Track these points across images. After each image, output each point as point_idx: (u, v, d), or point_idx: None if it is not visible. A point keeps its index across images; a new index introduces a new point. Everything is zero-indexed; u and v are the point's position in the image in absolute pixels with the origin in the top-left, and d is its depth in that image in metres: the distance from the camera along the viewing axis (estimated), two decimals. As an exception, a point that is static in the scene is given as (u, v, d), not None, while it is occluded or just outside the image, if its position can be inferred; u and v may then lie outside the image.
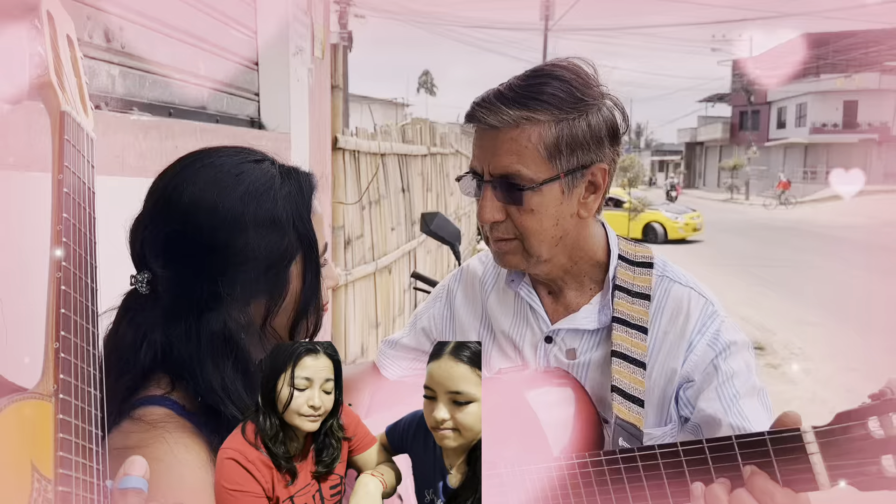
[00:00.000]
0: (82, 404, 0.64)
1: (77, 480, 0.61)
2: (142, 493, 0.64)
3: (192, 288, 0.89)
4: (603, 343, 1.19)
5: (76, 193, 0.71)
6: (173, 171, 0.95)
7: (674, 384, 1.16)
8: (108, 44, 1.84)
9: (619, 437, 1.09)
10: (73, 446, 0.61)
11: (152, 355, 0.88)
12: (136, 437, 0.82)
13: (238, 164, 0.94)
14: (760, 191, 37.19)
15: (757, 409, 1.12)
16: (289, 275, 0.94)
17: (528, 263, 1.18)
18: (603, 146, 1.13)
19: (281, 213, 0.93)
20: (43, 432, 0.60)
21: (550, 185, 1.10)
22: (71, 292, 0.66)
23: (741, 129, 45.63)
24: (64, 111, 0.72)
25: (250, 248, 0.90)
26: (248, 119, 2.97)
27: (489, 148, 1.12)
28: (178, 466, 0.81)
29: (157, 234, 0.91)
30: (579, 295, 1.24)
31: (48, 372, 0.63)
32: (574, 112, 1.09)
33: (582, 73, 1.13)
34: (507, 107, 1.09)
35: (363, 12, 21.48)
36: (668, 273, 1.23)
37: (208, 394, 0.86)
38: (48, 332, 0.65)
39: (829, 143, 38.08)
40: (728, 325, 1.19)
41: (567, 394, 1.16)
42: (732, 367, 1.14)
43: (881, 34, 32.24)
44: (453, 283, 1.42)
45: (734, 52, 44.58)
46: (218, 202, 0.90)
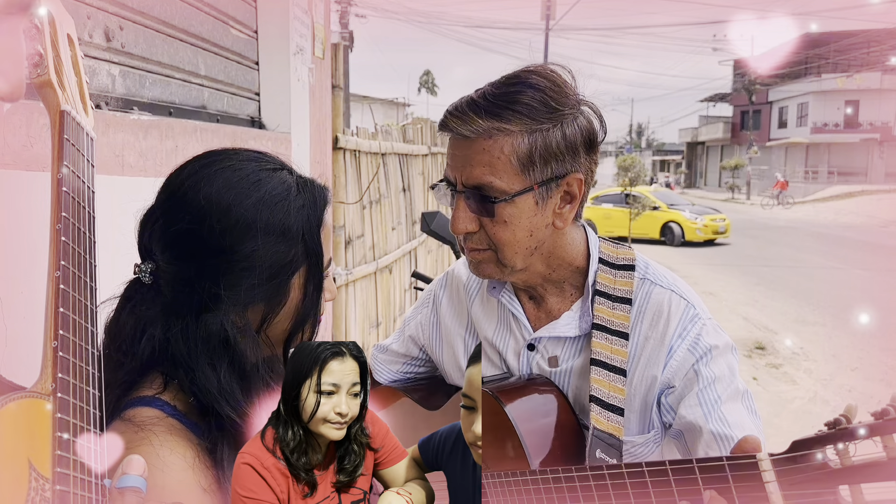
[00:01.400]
0: (81, 403, 0.64)
1: (75, 479, 0.61)
2: (140, 493, 0.64)
3: (194, 287, 0.89)
4: (585, 350, 1.17)
5: (75, 192, 0.71)
6: (192, 169, 0.95)
7: (655, 390, 1.14)
8: (109, 43, 1.84)
9: (597, 448, 1.07)
10: (71, 445, 0.61)
11: (150, 350, 0.88)
12: (124, 438, 0.81)
13: (257, 170, 0.94)
14: (761, 190, 37.14)
15: (740, 414, 1.09)
16: (290, 285, 0.94)
17: (503, 273, 1.16)
18: (578, 156, 1.10)
19: (292, 223, 0.93)
20: (41, 431, 0.60)
21: (524, 197, 1.08)
22: (70, 291, 0.66)
23: (742, 129, 45.57)
24: (64, 110, 0.72)
25: (257, 255, 0.90)
26: (248, 119, 2.97)
27: (461, 158, 1.10)
28: (162, 469, 0.81)
29: (167, 228, 0.91)
30: (560, 301, 1.22)
31: (46, 370, 0.63)
32: (548, 122, 1.07)
33: (558, 81, 1.10)
34: (479, 117, 1.06)
35: (364, 12, 21.48)
36: (649, 276, 1.20)
37: (203, 394, 0.86)
38: (47, 331, 0.64)
39: (830, 143, 38.03)
40: (709, 329, 1.16)
41: (548, 404, 1.14)
42: (714, 371, 1.12)
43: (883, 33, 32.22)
44: (439, 289, 1.40)
45: (735, 51, 44.57)
46: (232, 206, 0.90)
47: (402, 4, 28.32)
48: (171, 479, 0.80)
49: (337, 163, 4.07)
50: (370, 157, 4.81)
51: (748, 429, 1.07)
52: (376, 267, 4.91)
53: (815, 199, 31.84)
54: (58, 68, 0.74)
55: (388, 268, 5.35)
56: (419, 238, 6.41)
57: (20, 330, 1.15)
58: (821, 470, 0.76)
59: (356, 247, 4.48)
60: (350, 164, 4.32)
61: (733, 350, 1.17)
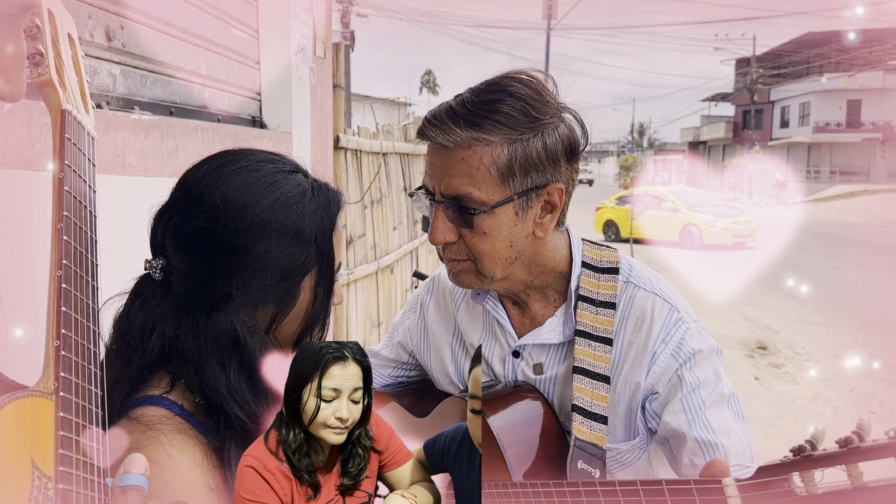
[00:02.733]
0: (83, 402, 0.64)
1: (78, 478, 0.61)
2: (142, 491, 0.64)
3: (206, 285, 0.89)
4: (569, 356, 1.15)
5: (77, 191, 0.71)
6: (209, 167, 0.95)
7: (638, 397, 1.13)
8: (110, 43, 1.84)
9: (579, 459, 1.06)
10: (73, 444, 0.61)
11: (160, 347, 0.88)
12: (132, 437, 0.82)
13: (273, 172, 0.95)
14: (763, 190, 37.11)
15: (725, 419, 1.08)
16: (301, 287, 0.95)
17: (483, 283, 1.14)
18: (559, 166, 1.08)
19: (306, 226, 0.94)
20: (43, 430, 0.60)
21: (503, 208, 1.06)
22: (72, 290, 0.67)
23: (744, 129, 45.51)
24: (65, 109, 0.72)
25: (270, 256, 0.91)
26: (249, 118, 2.97)
27: (440, 167, 1.08)
28: (171, 468, 0.81)
29: (181, 225, 0.91)
30: (544, 307, 1.20)
31: (49, 369, 0.63)
32: (528, 132, 1.04)
33: (539, 88, 1.07)
34: (458, 126, 1.04)
35: (365, 11, 21.48)
36: (632, 279, 1.18)
37: (212, 392, 0.86)
38: (49, 330, 0.65)
39: (832, 143, 38.00)
40: (693, 333, 1.13)
41: (532, 413, 1.13)
42: (698, 376, 1.10)
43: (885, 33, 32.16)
44: (426, 294, 1.38)
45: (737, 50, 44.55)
46: (248, 206, 0.90)
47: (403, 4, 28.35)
48: (180, 480, 0.81)
49: (338, 162, 4.07)
50: (371, 157, 4.81)
51: (733, 434, 1.06)
52: (377, 266, 4.92)
53: (816, 198, 31.80)
54: (59, 68, 0.74)
55: (390, 267, 5.35)
56: (420, 238, 6.41)
57: (22, 329, 1.16)
58: (786, 497, 0.76)
59: (357, 246, 4.48)
60: (351, 163, 4.32)
61: (718, 353, 1.15)
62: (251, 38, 2.97)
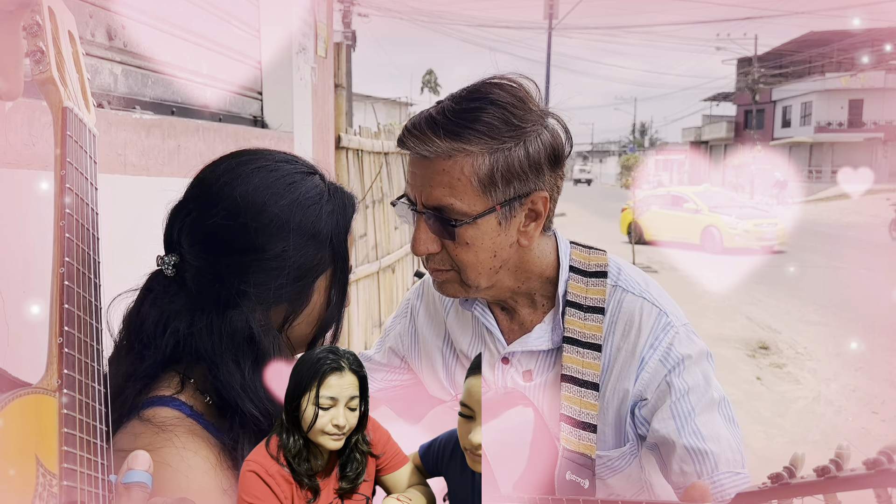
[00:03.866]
0: (86, 399, 0.64)
1: (81, 475, 0.61)
2: (145, 488, 0.64)
3: (221, 282, 0.89)
4: (558, 362, 1.14)
5: (78, 188, 0.71)
6: (228, 165, 0.95)
7: (627, 403, 1.11)
8: (111, 42, 1.84)
9: (567, 469, 1.04)
10: (77, 441, 0.62)
11: (174, 344, 0.88)
12: (145, 438, 0.82)
13: (292, 172, 0.96)
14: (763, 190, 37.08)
15: (715, 425, 1.07)
16: (314, 288, 0.95)
17: (469, 292, 1.12)
18: (542, 173, 1.06)
19: (323, 227, 0.95)
20: (47, 427, 0.61)
21: (486, 218, 1.04)
22: (74, 288, 0.67)
23: (746, 128, 45.48)
24: (66, 107, 0.73)
25: (287, 255, 0.91)
26: (251, 118, 2.97)
27: (421, 177, 1.06)
28: (185, 472, 0.81)
29: (198, 222, 0.91)
30: (532, 313, 1.18)
31: (52, 367, 0.63)
32: (510, 140, 1.02)
33: (521, 95, 1.05)
34: (438, 137, 1.01)
35: (367, 11, 21.48)
36: (620, 282, 1.16)
37: (226, 389, 0.87)
38: (52, 328, 0.65)
39: (834, 142, 37.96)
40: (682, 337, 1.12)
41: (521, 422, 1.11)
42: (687, 382, 1.08)
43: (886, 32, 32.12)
44: (416, 299, 1.37)
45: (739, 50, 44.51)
46: (267, 205, 0.91)
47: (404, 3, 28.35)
48: (194, 483, 0.81)
49: (339, 162, 4.07)
50: (373, 157, 4.81)
51: (723, 440, 1.05)
52: (379, 266, 4.92)
53: (818, 198, 31.78)
54: (59, 65, 0.74)
55: (391, 267, 5.35)
56: (422, 237, 6.40)
57: (23, 327, 1.16)
58: None
59: (359, 246, 4.48)
60: (353, 163, 4.32)
61: (708, 357, 1.14)
62: (253, 38, 2.97)
